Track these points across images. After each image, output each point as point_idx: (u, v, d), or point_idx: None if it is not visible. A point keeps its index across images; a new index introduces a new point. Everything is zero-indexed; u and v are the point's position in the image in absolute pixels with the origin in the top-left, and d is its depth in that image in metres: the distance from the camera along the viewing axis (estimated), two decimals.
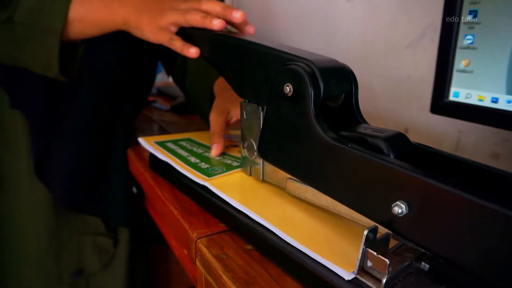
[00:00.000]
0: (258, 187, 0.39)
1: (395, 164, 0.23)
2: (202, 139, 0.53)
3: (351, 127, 0.29)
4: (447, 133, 0.56)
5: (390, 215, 0.23)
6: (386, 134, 0.26)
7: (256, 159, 0.38)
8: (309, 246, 0.28)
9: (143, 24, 0.41)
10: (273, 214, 0.33)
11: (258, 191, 0.38)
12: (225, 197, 0.35)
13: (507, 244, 0.19)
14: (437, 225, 0.21)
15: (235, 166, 0.43)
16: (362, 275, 0.24)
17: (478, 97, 0.37)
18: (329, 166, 0.27)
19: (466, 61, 0.38)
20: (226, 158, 0.46)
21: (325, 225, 0.31)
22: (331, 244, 0.29)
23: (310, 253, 0.27)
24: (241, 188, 0.38)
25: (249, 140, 0.38)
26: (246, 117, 0.38)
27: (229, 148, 0.50)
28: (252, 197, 0.37)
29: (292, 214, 0.33)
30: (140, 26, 0.41)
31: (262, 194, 0.37)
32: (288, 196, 0.36)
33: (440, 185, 0.21)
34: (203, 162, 0.44)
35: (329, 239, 0.29)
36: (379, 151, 0.25)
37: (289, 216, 0.33)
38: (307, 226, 0.31)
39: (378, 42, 0.65)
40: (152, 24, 0.41)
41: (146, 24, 0.41)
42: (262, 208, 0.33)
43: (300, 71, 0.28)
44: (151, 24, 0.41)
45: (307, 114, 0.28)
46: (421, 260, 0.26)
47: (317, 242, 0.29)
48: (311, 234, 0.30)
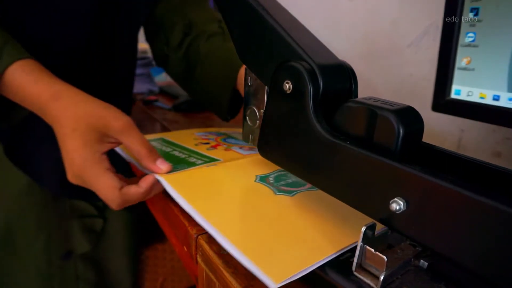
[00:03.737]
0: (217, 184, 0.37)
1: (393, 160, 0.23)
2: (175, 138, 0.52)
3: (359, 98, 0.28)
4: (449, 131, 0.55)
5: (388, 212, 0.23)
6: (396, 107, 0.25)
7: (258, 127, 0.38)
8: (244, 249, 0.27)
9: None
10: (219, 213, 0.31)
11: (215, 188, 0.36)
12: (173, 193, 0.34)
13: (506, 241, 0.19)
14: (435, 222, 0.21)
15: (198, 163, 0.42)
16: (360, 272, 0.24)
17: (479, 95, 0.37)
18: (327, 163, 0.27)
19: (467, 59, 0.38)
20: (192, 157, 0.45)
21: (274, 229, 0.30)
22: (272, 250, 0.27)
23: (241, 256, 0.26)
24: (196, 185, 0.37)
25: (252, 108, 0.38)
26: (250, 83, 0.38)
27: (198, 146, 0.49)
28: (205, 194, 0.35)
29: (242, 214, 0.32)
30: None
31: (218, 192, 0.36)
32: (248, 196, 0.35)
33: (438, 181, 0.21)
34: (168, 161, 0.43)
35: (271, 245, 0.28)
36: (389, 124, 0.24)
37: (238, 216, 0.31)
38: (253, 228, 0.30)
39: (380, 40, 0.65)
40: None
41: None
42: (210, 206, 0.32)
43: (299, 68, 0.28)
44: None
45: (306, 111, 0.28)
46: (419, 258, 0.26)
47: (256, 246, 0.27)
48: (253, 237, 0.29)
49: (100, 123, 0.37)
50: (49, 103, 0.38)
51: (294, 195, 0.36)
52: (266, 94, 0.36)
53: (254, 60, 0.35)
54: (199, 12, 0.62)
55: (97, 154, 0.37)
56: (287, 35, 0.31)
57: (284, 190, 0.37)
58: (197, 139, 0.51)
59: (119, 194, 0.37)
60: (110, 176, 0.37)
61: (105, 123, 0.37)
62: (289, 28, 0.32)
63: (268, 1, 0.35)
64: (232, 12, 0.36)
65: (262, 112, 0.37)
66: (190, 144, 0.49)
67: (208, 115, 0.79)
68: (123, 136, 0.37)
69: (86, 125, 0.37)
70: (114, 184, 0.36)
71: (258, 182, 0.38)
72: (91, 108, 0.37)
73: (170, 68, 0.65)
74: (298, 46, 0.30)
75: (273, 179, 0.39)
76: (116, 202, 0.37)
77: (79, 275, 0.61)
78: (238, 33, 0.36)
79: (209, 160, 0.43)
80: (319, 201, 0.35)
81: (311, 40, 0.33)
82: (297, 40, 0.31)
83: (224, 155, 0.45)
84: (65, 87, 0.39)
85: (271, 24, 0.32)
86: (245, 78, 0.38)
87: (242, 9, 0.35)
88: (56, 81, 0.40)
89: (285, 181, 0.39)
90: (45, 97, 0.38)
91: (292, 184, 0.38)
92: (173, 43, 0.61)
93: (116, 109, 0.39)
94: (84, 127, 0.37)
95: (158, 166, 0.38)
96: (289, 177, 0.40)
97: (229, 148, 0.47)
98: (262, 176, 0.39)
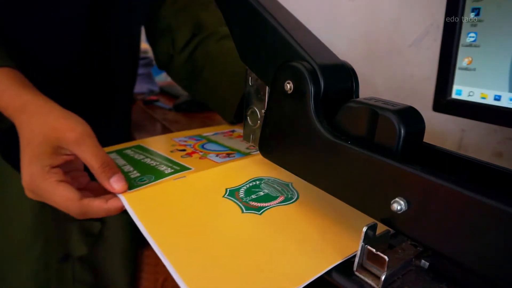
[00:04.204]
0: (180, 202, 0.34)
1: (394, 161, 0.23)
2: (152, 144, 0.50)
3: (360, 98, 0.28)
4: (450, 131, 0.55)
5: (389, 212, 0.23)
6: (397, 107, 0.25)
7: (258, 127, 0.38)
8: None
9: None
10: (177, 243, 0.29)
11: (177, 208, 0.34)
12: (132, 214, 0.32)
13: (507, 241, 0.19)
14: (437, 222, 0.21)
15: (167, 173, 0.40)
16: (361, 272, 0.24)
17: (480, 95, 0.37)
18: (328, 163, 0.27)
19: (468, 59, 0.38)
20: (162, 165, 0.42)
21: (239, 260, 0.27)
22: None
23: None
24: (158, 204, 0.34)
25: (253, 108, 0.38)
26: (251, 84, 0.38)
27: (174, 152, 0.47)
28: (165, 216, 0.32)
29: (203, 243, 0.29)
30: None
31: (179, 213, 0.33)
32: (212, 217, 0.32)
33: (440, 181, 0.21)
34: (136, 170, 0.41)
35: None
36: (390, 124, 0.24)
37: (198, 246, 0.29)
38: (215, 261, 0.27)
39: (380, 41, 0.65)
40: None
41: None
42: (167, 233, 0.30)
43: (300, 68, 0.28)
44: None
45: (307, 111, 0.28)
46: (420, 258, 0.26)
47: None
48: (213, 273, 0.26)
49: (53, 135, 0.35)
50: (16, 114, 0.37)
51: (263, 212, 0.33)
52: (267, 94, 0.36)
53: (255, 60, 0.35)
54: (209, 13, 0.61)
55: (45, 168, 0.35)
56: (288, 35, 0.31)
57: (253, 207, 0.34)
58: (174, 145, 0.49)
59: (78, 205, 0.35)
60: (65, 187, 0.35)
61: (59, 135, 0.35)
62: (290, 28, 0.32)
63: (268, 1, 0.35)
64: (232, 12, 0.36)
65: (263, 112, 0.37)
66: (165, 150, 0.48)
67: (209, 114, 0.79)
68: (75, 148, 0.35)
69: (40, 137, 0.35)
70: (69, 195, 0.35)
71: (226, 198, 0.35)
72: (47, 120, 0.36)
73: (174, 69, 0.64)
74: (299, 46, 0.30)
75: (243, 193, 0.36)
76: (75, 213, 0.36)
77: (75, 277, 0.62)
78: (238, 33, 0.36)
79: (180, 169, 0.41)
80: (288, 218, 0.32)
81: (312, 40, 0.33)
82: (298, 40, 0.31)
83: (197, 164, 0.42)
84: (32, 98, 0.38)
85: (272, 24, 0.32)
86: (246, 78, 0.38)
87: (243, 9, 0.35)
88: (25, 92, 0.38)
89: (256, 194, 0.36)
90: (12, 108, 0.38)
91: (263, 198, 0.35)
92: (179, 43, 0.60)
93: (76, 119, 0.37)
94: (38, 141, 0.35)
95: (111, 185, 0.36)
96: (262, 189, 0.37)
97: (204, 156, 0.45)
98: (231, 189, 0.36)
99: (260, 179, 0.39)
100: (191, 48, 0.60)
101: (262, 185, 0.37)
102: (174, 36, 0.61)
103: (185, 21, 0.60)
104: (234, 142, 0.51)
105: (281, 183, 0.38)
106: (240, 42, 0.36)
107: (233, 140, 0.52)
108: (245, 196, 0.35)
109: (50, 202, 0.36)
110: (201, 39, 0.59)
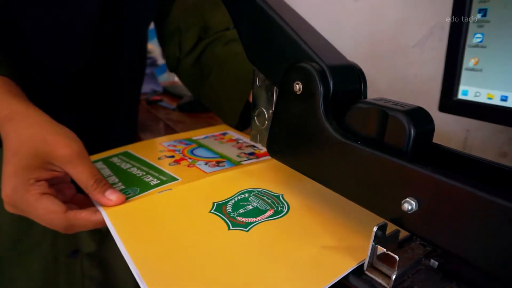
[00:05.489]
0: (164, 218, 0.33)
1: (404, 161, 0.23)
2: (139, 151, 0.48)
3: (370, 99, 0.28)
4: (454, 132, 0.56)
5: (400, 212, 0.23)
6: (407, 108, 0.25)
7: (266, 128, 0.37)
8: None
9: None
10: (157, 265, 0.27)
11: (161, 224, 0.32)
12: (112, 230, 0.31)
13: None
14: (448, 222, 0.21)
15: (153, 185, 0.38)
16: (371, 272, 0.25)
17: (487, 95, 0.37)
18: (338, 163, 0.27)
19: (475, 60, 0.38)
20: (149, 175, 0.41)
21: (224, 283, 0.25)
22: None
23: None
24: (141, 220, 0.33)
25: (260, 108, 0.38)
26: (258, 84, 0.38)
27: (161, 160, 0.45)
28: (146, 233, 0.31)
29: (185, 265, 0.27)
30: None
31: (163, 230, 0.31)
32: (196, 235, 0.30)
33: (450, 181, 0.21)
34: (121, 182, 0.39)
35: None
36: (400, 125, 0.24)
37: (180, 269, 0.27)
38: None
39: (385, 41, 0.65)
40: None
41: None
42: (148, 254, 0.28)
43: (309, 69, 0.28)
44: None
45: (316, 112, 0.28)
46: (430, 257, 0.26)
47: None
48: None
49: (44, 149, 0.34)
50: (2, 123, 0.36)
51: (250, 229, 0.31)
52: (275, 95, 0.36)
53: (263, 60, 0.35)
54: (217, 15, 0.60)
55: (30, 181, 0.33)
56: (297, 36, 0.31)
57: (240, 223, 0.32)
58: (162, 151, 0.47)
59: (63, 218, 0.33)
60: (48, 200, 0.33)
61: (50, 150, 0.34)
62: (298, 28, 0.32)
63: (276, 1, 0.35)
64: (240, 12, 0.37)
65: (270, 113, 0.37)
66: (153, 157, 0.46)
67: (213, 115, 0.79)
68: (68, 166, 0.34)
69: (29, 149, 0.34)
70: (53, 208, 0.33)
71: (212, 213, 0.33)
72: (38, 132, 0.34)
73: (182, 72, 0.63)
74: (308, 47, 0.30)
75: (231, 207, 0.34)
76: (60, 227, 0.34)
77: (84, 272, 0.62)
78: (246, 34, 0.36)
79: (166, 180, 0.39)
80: (275, 236, 0.30)
81: (320, 40, 0.33)
82: (307, 40, 0.31)
83: (185, 174, 0.41)
84: (22, 108, 0.36)
85: (280, 25, 0.32)
86: (253, 79, 0.38)
87: (250, 9, 0.35)
88: (15, 101, 0.37)
89: (244, 208, 0.34)
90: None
91: (251, 213, 0.33)
92: (186, 46, 0.60)
93: (69, 135, 0.35)
94: (25, 152, 0.33)
95: (107, 198, 0.34)
96: (250, 202, 0.35)
97: (193, 164, 0.43)
98: (219, 203, 0.35)
99: (250, 191, 0.37)
100: (198, 51, 0.59)
101: (251, 197, 0.36)
102: (181, 39, 0.60)
103: (192, 23, 0.59)
104: (225, 147, 0.49)
105: (271, 195, 0.36)
106: (248, 42, 0.36)
107: (224, 145, 0.50)
108: (232, 211, 0.34)
109: (32, 216, 0.34)
110: (208, 42, 0.59)
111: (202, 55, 0.59)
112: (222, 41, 0.58)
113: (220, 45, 0.57)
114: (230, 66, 0.55)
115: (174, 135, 0.55)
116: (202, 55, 0.59)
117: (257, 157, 0.46)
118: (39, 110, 0.37)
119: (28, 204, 0.33)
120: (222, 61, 0.56)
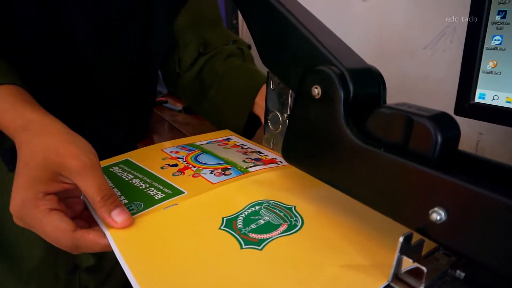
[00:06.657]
0: (171, 238, 0.31)
1: (431, 168, 0.22)
2: (141, 158, 0.45)
3: (391, 104, 0.27)
4: (466, 135, 0.55)
5: (427, 222, 0.22)
6: (432, 113, 0.24)
7: (280, 132, 0.37)
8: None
9: None
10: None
11: (168, 245, 0.30)
12: (117, 254, 0.29)
13: None
14: (478, 232, 0.21)
15: (157, 199, 0.36)
16: (397, 283, 0.24)
17: (506, 99, 0.36)
18: (359, 170, 0.26)
19: (493, 62, 0.37)
20: (152, 187, 0.38)
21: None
22: None
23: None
24: (147, 242, 0.31)
25: (274, 112, 0.37)
26: (272, 88, 0.37)
27: (165, 169, 0.42)
28: (154, 256, 0.29)
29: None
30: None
31: (171, 252, 0.29)
32: (207, 256, 0.29)
33: (481, 190, 0.20)
34: (123, 196, 0.37)
35: None
36: (426, 131, 0.23)
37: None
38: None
39: (395, 42, 0.64)
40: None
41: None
42: (157, 279, 0.26)
43: (329, 72, 0.28)
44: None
45: (336, 117, 0.27)
46: (456, 268, 0.25)
47: None
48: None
49: (55, 160, 0.32)
50: (17, 133, 0.35)
51: (264, 246, 0.29)
52: (290, 98, 0.35)
53: (278, 63, 0.34)
54: (215, 33, 0.61)
55: (40, 195, 0.32)
56: (313, 38, 0.30)
57: (253, 241, 0.30)
58: (165, 159, 0.45)
59: (70, 237, 0.32)
60: (57, 217, 0.32)
61: (61, 161, 0.32)
62: (314, 30, 0.31)
63: (290, 1, 0.34)
64: (253, 13, 0.36)
65: (285, 117, 0.36)
66: (156, 166, 0.43)
67: None
68: (77, 178, 0.32)
69: (39, 160, 0.32)
70: (61, 226, 0.32)
71: (222, 230, 0.31)
72: (51, 143, 0.33)
73: (182, 88, 0.63)
74: (326, 49, 0.29)
75: (241, 222, 0.32)
76: (67, 247, 0.32)
77: (81, 284, 0.61)
78: (260, 36, 0.36)
79: (172, 193, 0.37)
80: (292, 254, 0.28)
81: (337, 42, 0.32)
82: (324, 43, 0.30)
83: (191, 185, 0.39)
84: (36, 117, 0.35)
85: (296, 26, 0.31)
86: (267, 82, 0.37)
87: (264, 9, 0.34)
88: (29, 110, 0.36)
89: (256, 223, 0.32)
90: (13, 127, 0.35)
91: (263, 228, 0.31)
92: (186, 61, 0.60)
93: (83, 145, 0.34)
94: (36, 163, 0.32)
95: (113, 219, 0.32)
96: (262, 216, 0.33)
97: (198, 174, 0.41)
98: (228, 218, 0.33)
99: (260, 203, 0.35)
100: (198, 67, 0.59)
101: (262, 211, 0.34)
102: (180, 54, 0.61)
103: (192, 40, 0.60)
104: (229, 152, 0.48)
105: (283, 207, 0.35)
106: (262, 44, 0.35)
107: (228, 150, 0.49)
108: (243, 226, 0.32)
109: (39, 233, 0.33)
110: (208, 57, 0.59)
111: (203, 70, 0.59)
112: (222, 56, 0.58)
113: (220, 60, 0.58)
114: (231, 80, 0.55)
115: (177, 140, 0.53)
116: (203, 70, 0.59)
117: (264, 163, 0.44)
118: (55, 119, 0.36)
119: (36, 220, 0.32)
120: (223, 75, 0.56)
